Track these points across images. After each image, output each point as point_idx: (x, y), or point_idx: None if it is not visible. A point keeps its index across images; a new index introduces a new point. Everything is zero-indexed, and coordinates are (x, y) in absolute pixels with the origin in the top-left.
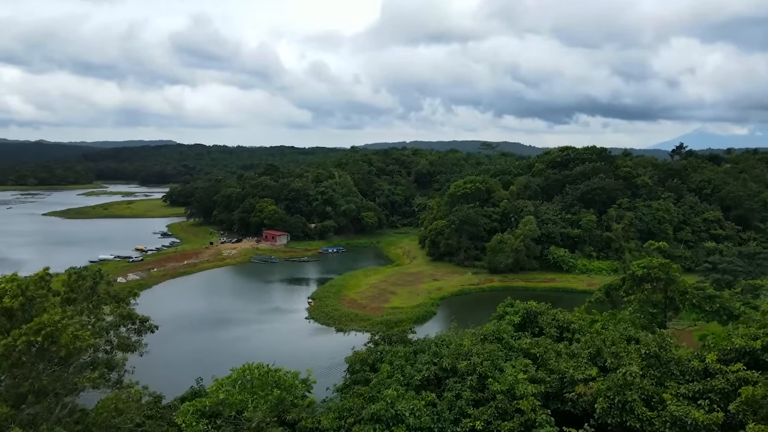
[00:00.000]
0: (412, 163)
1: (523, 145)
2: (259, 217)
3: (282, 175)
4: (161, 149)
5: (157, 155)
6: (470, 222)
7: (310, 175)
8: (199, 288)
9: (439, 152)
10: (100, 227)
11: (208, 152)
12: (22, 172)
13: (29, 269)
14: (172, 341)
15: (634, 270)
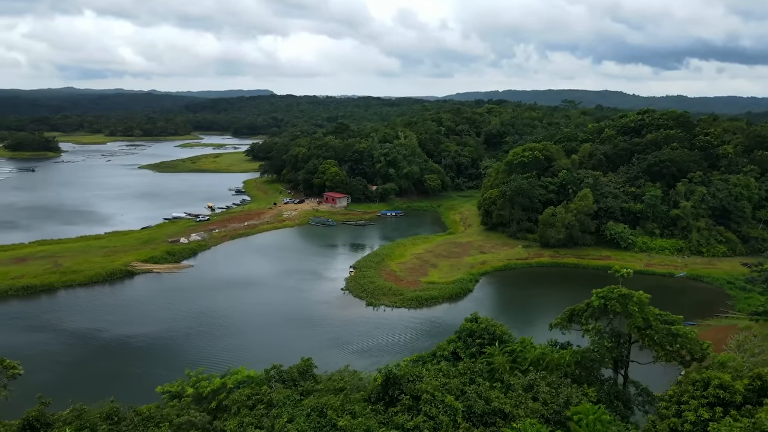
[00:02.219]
0: (483, 123)
1: (626, 94)
2: (322, 178)
3: (351, 134)
4: (255, 100)
5: (250, 106)
6: (523, 193)
7: (377, 135)
8: (251, 251)
9: (516, 109)
10: (185, 182)
11: (297, 103)
12: (129, 124)
13: (112, 224)
14: (204, 300)
15: (592, 300)
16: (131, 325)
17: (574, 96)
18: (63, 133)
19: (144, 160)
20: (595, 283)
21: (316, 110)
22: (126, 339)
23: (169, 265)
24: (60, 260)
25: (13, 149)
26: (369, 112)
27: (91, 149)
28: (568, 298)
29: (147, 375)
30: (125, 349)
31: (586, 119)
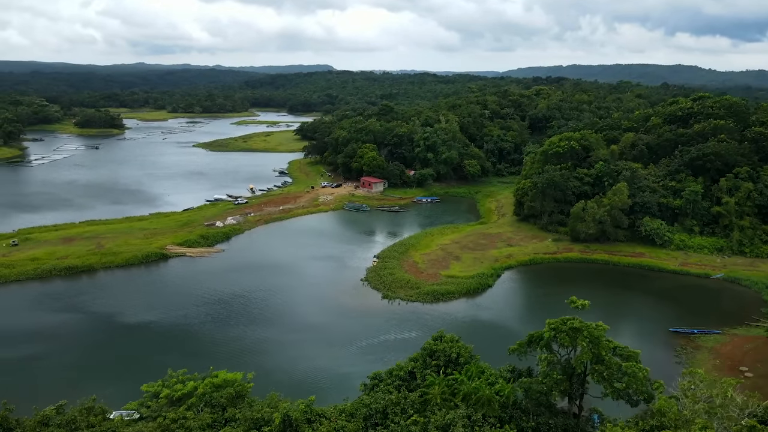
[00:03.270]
0: (530, 106)
1: (701, 69)
2: (360, 162)
3: (395, 116)
4: (312, 76)
5: (307, 82)
6: (555, 186)
7: (419, 119)
8: (281, 236)
9: (565, 92)
10: (233, 161)
11: (353, 80)
12: (190, 101)
13: (158, 205)
14: (227, 286)
15: (543, 331)
16: (154, 310)
17: (643, 71)
18: (130, 109)
19: (199, 137)
20: (626, 282)
21: (370, 87)
22: (147, 324)
23: (201, 249)
24: (103, 241)
25: (82, 126)
26: (423, 90)
27: (152, 126)
28: (592, 298)
29: (159, 362)
30: (145, 334)
31: (639, 103)
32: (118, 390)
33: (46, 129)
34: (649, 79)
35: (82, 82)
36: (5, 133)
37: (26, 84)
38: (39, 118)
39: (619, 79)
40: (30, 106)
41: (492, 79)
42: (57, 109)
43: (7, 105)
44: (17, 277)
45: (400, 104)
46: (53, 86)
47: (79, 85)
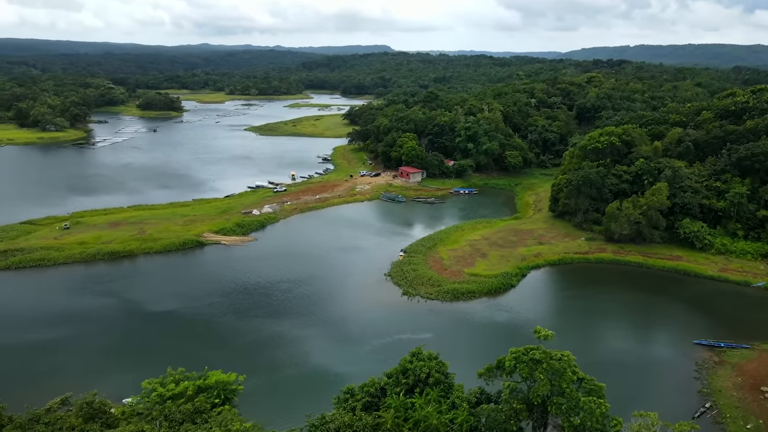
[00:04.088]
0: (579, 95)
1: None
2: (399, 152)
3: (439, 104)
4: (368, 58)
5: (362, 64)
6: (590, 183)
7: (462, 108)
8: (314, 226)
9: (619, 80)
10: (280, 146)
11: (408, 62)
12: (247, 84)
13: (202, 190)
14: (253, 276)
15: (505, 359)
16: (182, 298)
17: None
18: (191, 90)
19: (252, 121)
20: (659, 286)
21: (424, 70)
22: (173, 312)
23: (235, 238)
24: (145, 227)
25: (144, 108)
26: (477, 73)
27: (209, 108)
28: (619, 302)
29: (179, 351)
30: (170, 322)
31: (697, 93)
32: (137, 377)
33: (112, 111)
34: (723, 60)
35: (150, 63)
36: (72, 116)
37: (98, 65)
38: (105, 100)
39: (690, 61)
40: (98, 88)
41: (551, 61)
42: (122, 91)
43: (78, 87)
44: (65, 260)
45: (452, 88)
46: (123, 67)
47: (146, 66)
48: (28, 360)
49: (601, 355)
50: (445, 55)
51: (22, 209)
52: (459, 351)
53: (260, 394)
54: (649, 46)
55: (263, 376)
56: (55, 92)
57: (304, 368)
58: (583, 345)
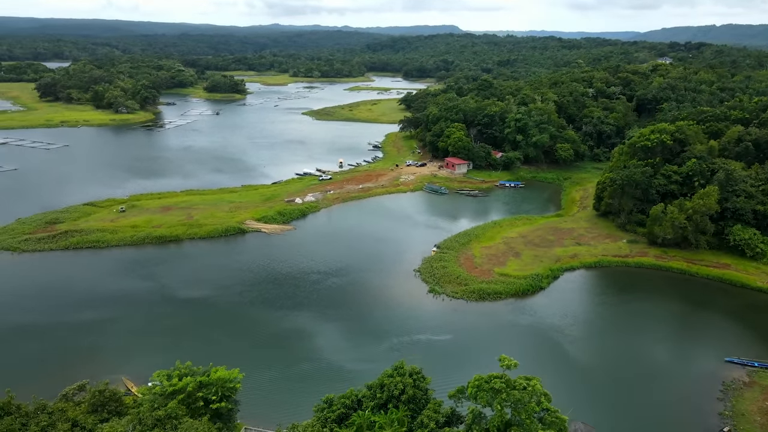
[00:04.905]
0: (642, 84)
1: None
2: (446, 142)
3: (493, 93)
4: (433, 39)
5: (426, 45)
6: (635, 184)
7: (514, 98)
8: (353, 216)
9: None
10: (334, 131)
11: (473, 44)
12: (310, 66)
13: (252, 176)
14: (286, 266)
15: (468, 384)
16: (215, 285)
17: None
18: (257, 72)
19: (311, 104)
20: (701, 296)
21: (488, 53)
22: (205, 299)
23: (275, 226)
24: (193, 212)
25: (210, 91)
26: (543, 56)
27: (272, 90)
28: (654, 311)
29: (206, 337)
30: (202, 308)
31: None
32: (166, 359)
33: (181, 93)
34: None
35: (222, 45)
36: (142, 99)
37: (174, 46)
38: (175, 82)
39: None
40: (169, 71)
41: (623, 44)
42: (192, 73)
43: (151, 69)
44: (117, 242)
45: (515, 72)
46: (196, 48)
47: (219, 47)
48: (71, 338)
49: (624, 367)
50: (512, 37)
51: (88, 190)
52: (473, 356)
53: (271, 389)
54: (737, 25)
55: (278, 369)
56: (130, 74)
57: (318, 363)
58: (607, 355)
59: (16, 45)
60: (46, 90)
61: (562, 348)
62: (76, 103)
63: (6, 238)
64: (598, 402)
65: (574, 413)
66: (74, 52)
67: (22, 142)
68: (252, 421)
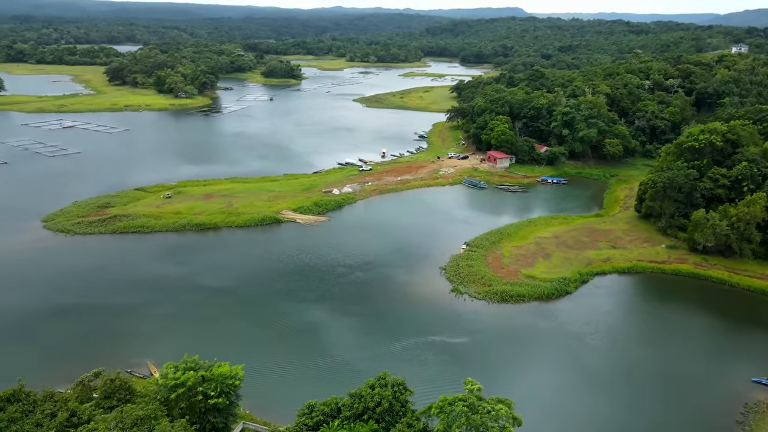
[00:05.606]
0: (703, 77)
1: None
2: (489, 135)
3: (544, 83)
4: (494, 23)
5: (487, 29)
6: (677, 187)
7: (563, 90)
8: (389, 210)
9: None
10: (382, 120)
11: (535, 28)
12: (367, 51)
13: (295, 164)
14: (313, 258)
15: (432, 406)
16: (245, 274)
17: None
18: (315, 56)
19: (363, 90)
20: (741, 309)
21: (550, 38)
22: (234, 289)
23: (310, 217)
24: (233, 201)
25: (267, 76)
26: (608, 42)
27: (327, 75)
28: (685, 326)
29: (228, 328)
30: (230, 298)
31: None
32: (189, 346)
33: (239, 77)
34: None
35: (284, 28)
36: (200, 84)
37: (238, 29)
38: (234, 66)
39: None
40: (229, 55)
41: (696, 28)
42: (251, 58)
43: (212, 54)
44: (160, 228)
45: (576, 59)
46: (259, 31)
47: (281, 30)
48: (106, 321)
49: (643, 380)
50: (577, 20)
51: (142, 174)
52: (483, 361)
53: (281, 382)
54: None
55: (291, 363)
56: (192, 59)
57: (331, 360)
58: (626, 366)
59: (93, 28)
60: (114, 74)
61: (579, 357)
62: (140, 88)
63: (62, 221)
64: (609, 416)
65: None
66: (145, 35)
67: (87, 126)
68: (258, 412)
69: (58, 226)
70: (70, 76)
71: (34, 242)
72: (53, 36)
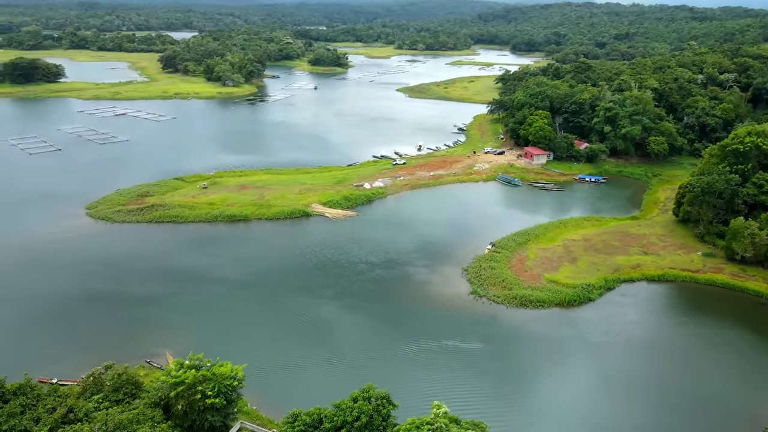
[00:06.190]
0: (762, 71)
1: None
2: (527, 130)
3: (590, 76)
4: (548, 9)
5: (541, 16)
6: (716, 193)
7: (608, 84)
8: (418, 206)
9: None
10: (423, 110)
11: (591, 15)
12: (415, 38)
13: (331, 155)
14: (335, 254)
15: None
16: (267, 269)
17: None
18: (364, 44)
19: (408, 79)
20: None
21: (606, 25)
22: (254, 283)
23: (339, 211)
24: (266, 192)
25: (314, 64)
26: (668, 30)
27: (374, 63)
28: (711, 342)
29: (245, 319)
30: (251, 291)
31: None
32: (207, 338)
33: (287, 65)
34: None
35: (336, 14)
36: (247, 72)
37: (291, 15)
38: (283, 54)
39: None
40: (278, 43)
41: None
42: (299, 46)
43: (262, 42)
44: (193, 219)
45: (632, 47)
46: (311, 18)
47: (333, 16)
48: (133, 310)
49: (656, 398)
50: (638, 6)
51: (183, 163)
52: (495, 371)
53: (288, 378)
54: None
55: (300, 359)
56: (242, 47)
57: (342, 359)
58: (641, 382)
59: (153, 15)
60: (167, 62)
61: (595, 368)
62: (191, 75)
63: (103, 209)
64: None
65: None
66: (201, 22)
67: (138, 114)
68: (265, 409)
69: (99, 214)
70: (127, 63)
71: (76, 229)
72: (115, 23)
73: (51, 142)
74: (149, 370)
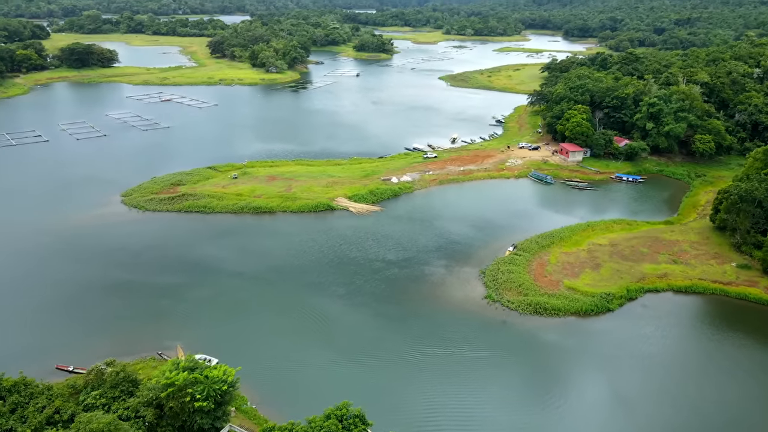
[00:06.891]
0: None
1: None
2: (564, 126)
3: (638, 68)
4: None
5: (597, 0)
6: (756, 201)
7: (654, 78)
8: (445, 202)
9: None
10: (465, 100)
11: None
12: (463, 23)
13: (365, 146)
14: (354, 251)
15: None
16: (284, 264)
17: None
18: (412, 28)
19: (452, 66)
20: None
21: (667, 8)
22: (269, 276)
23: (363, 206)
24: (293, 184)
25: (359, 50)
26: (734, 14)
27: (420, 49)
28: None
29: (254, 314)
30: (265, 285)
31: None
32: (216, 332)
33: (333, 50)
34: None
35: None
36: (291, 59)
37: None
38: (329, 40)
39: None
40: (324, 28)
41: None
42: (346, 30)
43: (309, 27)
44: (221, 209)
45: (692, 33)
46: (363, 1)
47: None
48: (150, 300)
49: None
50: None
51: (217, 151)
52: (498, 383)
53: (287, 379)
54: None
55: (302, 360)
56: (290, 32)
57: (343, 362)
58: (661, 401)
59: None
60: (216, 47)
61: (606, 383)
62: (237, 61)
63: (138, 197)
64: None
65: None
66: (254, 5)
67: (182, 100)
68: (265, 408)
69: (133, 202)
70: (179, 47)
71: (110, 216)
72: (172, 6)
73: (98, 127)
74: (159, 362)
